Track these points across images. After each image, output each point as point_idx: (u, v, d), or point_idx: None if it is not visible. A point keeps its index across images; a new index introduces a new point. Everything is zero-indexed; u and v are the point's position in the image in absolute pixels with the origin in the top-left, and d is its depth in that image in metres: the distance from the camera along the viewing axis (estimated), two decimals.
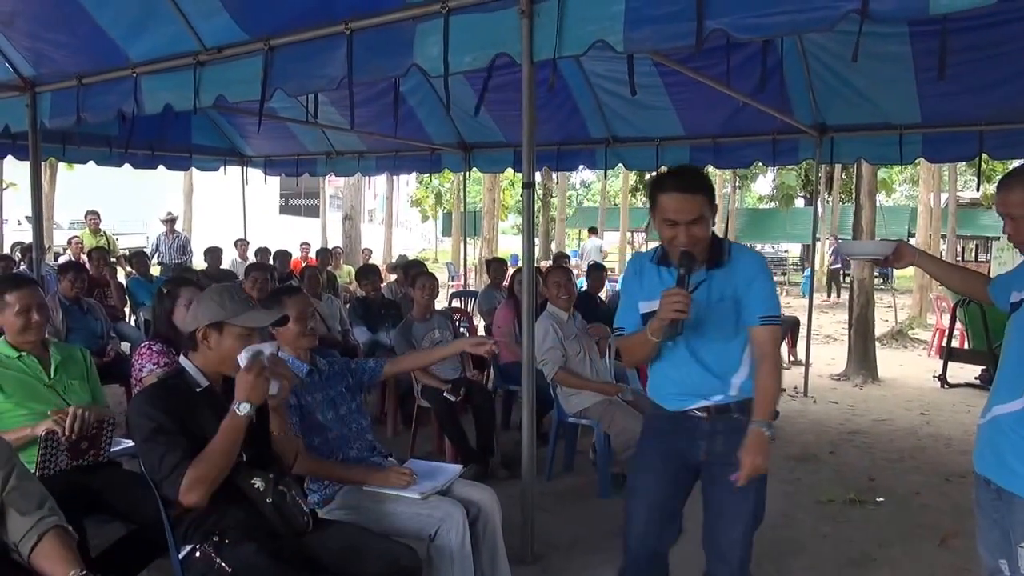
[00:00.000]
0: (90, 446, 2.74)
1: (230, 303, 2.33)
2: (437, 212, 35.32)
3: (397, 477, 2.76)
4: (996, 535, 2.19)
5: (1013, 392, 2.07)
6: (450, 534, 2.60)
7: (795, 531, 4.07)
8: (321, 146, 9.62)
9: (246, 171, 10.99)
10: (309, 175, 10.57)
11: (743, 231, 27.67)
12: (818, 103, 6.37)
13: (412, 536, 2.59)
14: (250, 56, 4.12)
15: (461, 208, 25.60)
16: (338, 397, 2.99)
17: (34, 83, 5.10)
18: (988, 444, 2.18)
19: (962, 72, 4.90)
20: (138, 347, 3.40)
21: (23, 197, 17.63)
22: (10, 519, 1.87)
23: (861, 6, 2.49)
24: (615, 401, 4.48)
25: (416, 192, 37.96)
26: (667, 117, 6.84)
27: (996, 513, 2.17)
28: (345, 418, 2.96)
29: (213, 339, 2.32)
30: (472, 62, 3.43)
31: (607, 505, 4.35)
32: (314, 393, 2.92)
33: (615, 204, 32.75)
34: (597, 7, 3.09)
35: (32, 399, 2.83)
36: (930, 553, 3.76)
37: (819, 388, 7.79)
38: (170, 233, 11.29)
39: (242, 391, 2.17)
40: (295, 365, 2.92)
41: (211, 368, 2.34)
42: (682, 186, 2.25)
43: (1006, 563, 2.17)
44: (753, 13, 2.76)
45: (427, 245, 40.39)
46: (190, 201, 20.58)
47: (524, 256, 3.58)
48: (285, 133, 9.23)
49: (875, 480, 4.92)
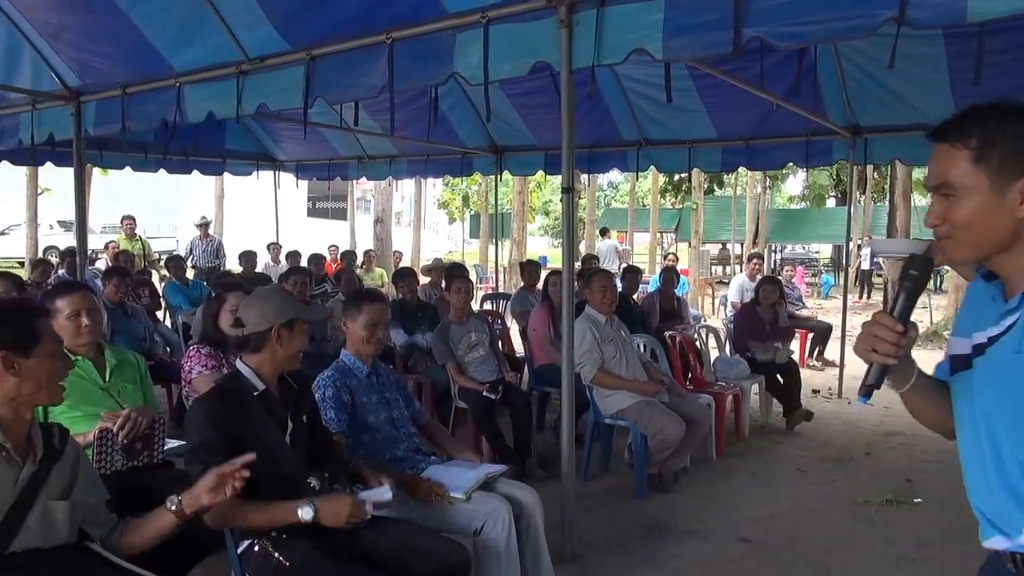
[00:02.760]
0: (144, 447, 2.85)
1: (292, 301, 2.47)
2: (464, 214, 35.47)
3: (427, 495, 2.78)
4: None
5: None
6: (496, 529, 2.70)
7: (833, 532, 4.12)
8: (353, 150, 9.80)
9: (278, 175, 11.21)
10: (341, 179, 10.75)
11: (774, 232, 27.50)
12: (852, 104, 6.39)
13: (459, 531, 2.69)
14: (292, 65, 4.25)
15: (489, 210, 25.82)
16: (393, 402, 3.11)
17: (79, 93, 5.29)
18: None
19: (996, 73, 4.90)
20: (186, 350, 3.54)
21: (57, 202, 18.09)
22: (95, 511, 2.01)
23: (899, 14, 2.54)
24: (652, 402, 4.56)
25: (443, 194, 38.16)
26: (699, 119, 6.90)
27: None
28: (396, 421, 3.09)
29: (285, 337, 2.44)
30: (512, 70, 3.52)
31: (643, 506, 4.44)
32: (370, 395, 3.04)
33: (643, 205, 32.71)
34: (636, 16, 3.16)
35: (87, 402, 2.93)
36: (969, 554, 3.72)
37: (854, 390, 7.67)
38: (204, 237, 11.55)
39: (330, 515, 2.22)
40: (355, 366, 3.04)
41: (274, 368, 2.46)
42: (936, 132, 1.39)
43: None
44: (791, 21, 2.81)
45: (454, 247, 40.58)
46: (221, 205, 20.94)
47: (564, 260, 3.67)
48: (317, 138, 9.38)
49: (912, 481, 4.94)
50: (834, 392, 7.56)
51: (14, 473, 1.84)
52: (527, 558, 2.88)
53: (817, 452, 5.63)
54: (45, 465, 1.90)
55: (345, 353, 3.13)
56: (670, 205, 32.05)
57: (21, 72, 5.24)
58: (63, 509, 1.91)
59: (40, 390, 1.88)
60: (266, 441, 2.29)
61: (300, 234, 12.33)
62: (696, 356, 6.20)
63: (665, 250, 27.58)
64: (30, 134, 5.51)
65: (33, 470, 1.87)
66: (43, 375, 1.87)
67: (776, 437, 6.04)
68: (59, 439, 1.98)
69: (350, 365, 3.10)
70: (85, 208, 5.86)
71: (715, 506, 4.49)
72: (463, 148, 8.79)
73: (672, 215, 30.09)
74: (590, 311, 4.75)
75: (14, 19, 4.83)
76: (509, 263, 17.68)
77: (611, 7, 3.22)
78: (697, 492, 4.71)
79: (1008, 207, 1.31)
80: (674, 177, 24.47)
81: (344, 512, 2.24)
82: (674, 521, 4.22)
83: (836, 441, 5.94)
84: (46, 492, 1.88)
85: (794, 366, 6.53)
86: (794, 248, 30.89)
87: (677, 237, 29.92)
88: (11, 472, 1.84)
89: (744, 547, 3.91)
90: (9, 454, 1.85)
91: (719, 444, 5.44)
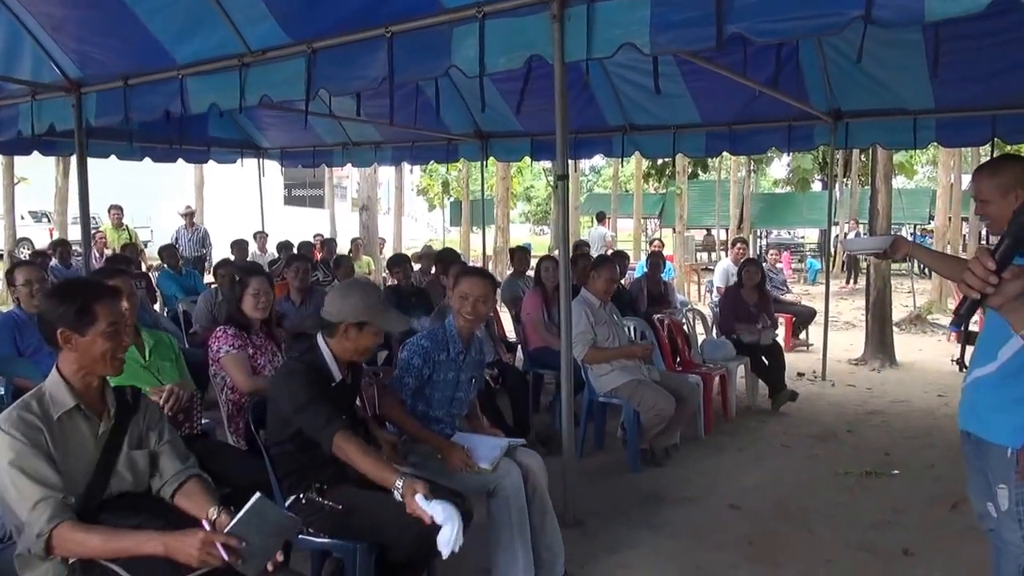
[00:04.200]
0: (184, 419, 3.19)
1: (375, 303, 2.82)
2: (444, 201, 35.63)
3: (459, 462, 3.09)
4: (981, 482, 2.62)
5: (989, 358, 2.49)
6: (508, 491, 3.04)
7: (816, 500, 4.50)
8: (337, 137, 9.99)
9: (262, 163, 11.36)
10: (326, 166, 10.95)
11: (759, 216, 27.92)
12: (833, 89, 6.74)
13: (474, 491, 3.02)
14: (293, 58, 4.49)
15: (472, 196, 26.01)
16: (464, 383, 3.41)
17: (79, 84, 5.49)
18: (968, 402, 2.62)
19: (973, 58, 5.26)
20: (213, 331, 3.84)
21: (29, 192, 18.11)
22: (163, 465, 2.31)
23: (865, 12, 2.88)
24: (644, 381, 4.91)
25: (422, 180, 38.26)
26: (684, 105, 7.21)
27: (978, 461, 2.60)
28: (455, 402, 3.41)
29: (352, 334, 2.79)
30: (507, 63, 3.80)
31: (638, 479, 4.80)
32: (448, 372, 3.33)
33: (626, 190, 33.06)
34: (624, 12, 3.46)
35: (132, 380, 3.18)
36: (942, 517, 4.18)
37: (837, 372, 8.19)
38: (189, 226, 11.75)
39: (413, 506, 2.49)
40: (452, 339, 3.34)
41: (343, 356, 2.82)
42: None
43: (992, 505, 2.59)
44: (768, 18, 3.14)
45: (434, 235, 40.74)
46: (201, 194, 21.04)
47: (561, 245, 3.99)
48: (301, 125, 9.44)
49: (891, 455, 5.34)
50: (818, 374, 7.97)
51: (93, 428, 2.20)
52: (535, 517, 3.21)
53: (801, 430, 6.02)
54: (121, 420, 2.24)
55: (450, 320, 3.40)
56: (653, 190, 32.39)
57: (21, 63, 5.43)
58: (143, 457, 2.27)
59: (97, 363, 2.19)
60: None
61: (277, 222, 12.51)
62: (684, 339, 6.56)
63: (650, 236, 27.99)
64: (30, 124, 5.70)
65: (110, 424, 2.22)
66: (97, 351, 2.18)
67: (762, 416, 6.43)
68: (132, 397, 2.33)
69: (448, 336, 3.36)
70: (88, 198, 6.03)
71: (705, 478, 4.86)
72: (448, 134, 9.03)
73: (656, 200, 30.42)
74: (586, 295, 5.08)
75: (15, 12, 5.02)
76: (495, 250, 17.91)
77: (601, 3, 3.51)
78: (688, 466, 5.08)
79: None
80: (657, 161, 24.79)
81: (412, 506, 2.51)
82: (667, 491, 4.59)
83: (820, 419, 6.33)
84: (127, 443, 2.23)
85: (778, 348, 6.92)
86: (779, 234, 31.38)
87: (661, 223, 30.28)
88: (90, 427, 2.19)
89: (734, 513, 4.29)
90: (85, 413, 2.19)
91: (707, 423, 5.81)
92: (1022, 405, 2.34)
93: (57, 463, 2.06)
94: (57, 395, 2.15)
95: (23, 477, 2.00)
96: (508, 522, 3.03)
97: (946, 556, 3.68)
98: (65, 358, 2.18)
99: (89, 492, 2.14)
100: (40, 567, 2.10)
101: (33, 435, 2.05)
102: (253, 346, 3.85)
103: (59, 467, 2.06)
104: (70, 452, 2.13)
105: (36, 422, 2.08)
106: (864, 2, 2.86)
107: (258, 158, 11.11)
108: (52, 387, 2.17)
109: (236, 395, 3.77)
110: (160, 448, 2.32)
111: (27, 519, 2.00)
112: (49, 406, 2.13)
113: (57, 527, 1.98)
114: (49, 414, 2.12)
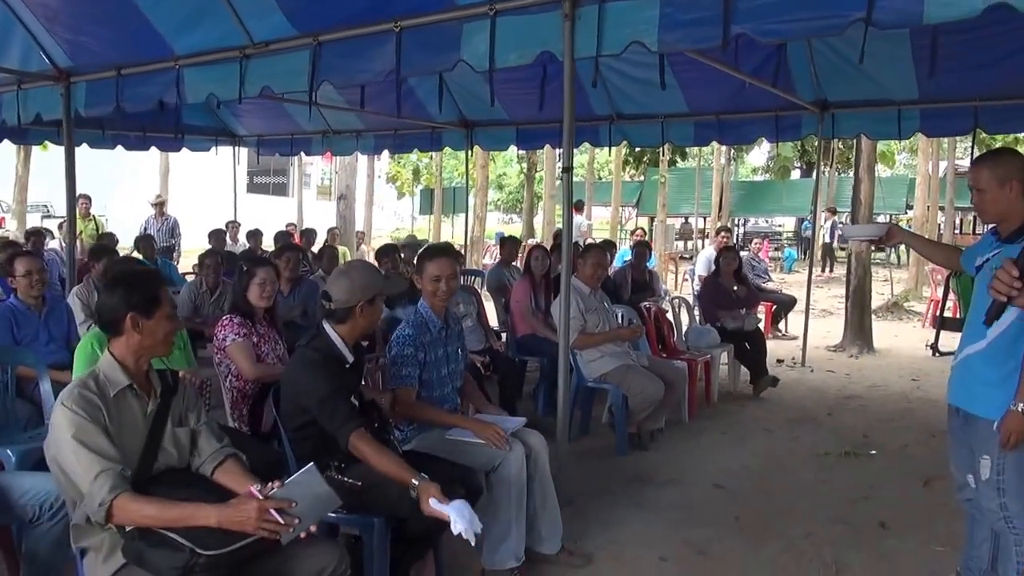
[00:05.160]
0: None
1: (375, 276, 3.10)
2: (414, 189, 35.56)
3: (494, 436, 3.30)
4: (964, 454, 2.95)
5: (978, 336, 2.81)
6: (511, 467, 3.30)
7: (797, 479, 4.86)
8: (317, 124, 9.91)
9: (238, 151, 11.38)
10: (305, 154, 11.02)
11: (738, 204, 28.40)
12: (820, 80, 7.02)
13: (479, 467, 3.29)
14: (297, 50, 4.63)
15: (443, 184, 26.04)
16: (452, 355, 3.64)
17: (69, 73, 5.60)
18: (959, 379, 2.94)
19: (956, 52, 5.57)
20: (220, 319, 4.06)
21: None
22: (202, 443, 2.55)
23: (866, 15, 3.12)
24: (633, 366, 5.23)
25: (391, 167, 38.09)
26: (672, 94, 7.39)
27: (964, 435, 2.93)
28: (451, 375, 3.63)
29: (367, 311, 3.04)
30: (518, 59, 4.01)
31: (624, 461, 5.12)
32: (437, 349, 3.54)
33: (600, 178, 33.32)
34: (634, 12, 3.70)
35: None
36: (916, 493, 4.55)
37: (816, 359, 8.60)
38: (159, 216, 11.74)
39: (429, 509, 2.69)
40: (430, 318, 3.54)
41: (354, 337, 3.06)
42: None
43: (972, 477, 2.93)
44: (773, 19, 3.38)
45: (401, 224, 40.68)
46: (167, 182, 20.88)
47: (565, 236, 4.28)
48: (279, 112, 9.56)
49: (868, 437, 5.73)
50: (797, 361, 8.37)
51: (143, 406, 2.44)
52: (535, 494, 3.49)
53: (782, 414, 6.39)
54: (165, 399, 2.49)
55: (422, 304, 3.57)
56: (629, 178, 32.66)
57: (9, 53, 5.53)
58: (185, 434, 2.51)
59: (158, 344, 2.45)
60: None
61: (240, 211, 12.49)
62: (669, 326, 6.89)
63: (625, 225, 28.33)
64: (15, 114, 5.81)
65: (157, 402, 2.46)
66: (160, 333, 2.44)
67: (744, 402, 6.79)
68: (172, 378, 2.57)
69: (426, 318, 3.54)
70: (75, 188, 6.17)
71: (690, 460, 5.19)
72: (432, 123, 9.16)
73: (633, 188, 30.76)
74: (576, 282, 5.36)
75: (8, 2, 5.12)
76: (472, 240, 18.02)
77: (612, 2, 3.73)
78: (673, 449, 5.42)
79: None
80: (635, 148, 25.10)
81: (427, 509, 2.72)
82: (654, 473, 4.91)
83: (800, 404, 6.71)
84: (171, 420, 2.48)
85: (759, 334, 7.28)
86: (757, 222, 31.91)
87: (639, 211, 30.63)
88: (141, 406, 2.44)
89: (718, 492, 4.63)
90: (137, 392, 2.43)
91: (691, 408, 6.15)
92: (1009, 381, 2.64)
93: (113, 438, 2.29)
94: (112, 375, 2.38)
95: (85, 450, 2.22)
96: (508, 499, 3.29)
97: (919, 528, 4.04)
98: (124, 342, 2.40)
99: (141, 466, 2.37)
100: (97, 536, 2.32)
101: (92, 411, 2.28)
102: (257, 335, 4.07)
103: (115, 442, 2.29)
104: (124, 428, 2.36)
105: (95, 399, 2.31)
106: (865, 4, 3.09)
107: (233, 146, 11.10)
108: (107, 368, 2.40)
109: (240, 382, 3.96)
110: (199, 428, 2.56)
111: (88, 490, 2.21)
112: (105, 385, 2.36)
113: (117, 497, 2.19)
114: (106, 392, 2.35)
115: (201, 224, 12.10)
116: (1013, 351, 2.63)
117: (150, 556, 2.20)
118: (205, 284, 6.36)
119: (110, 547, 2.31)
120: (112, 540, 2.31)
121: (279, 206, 29.56)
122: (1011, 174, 2.78)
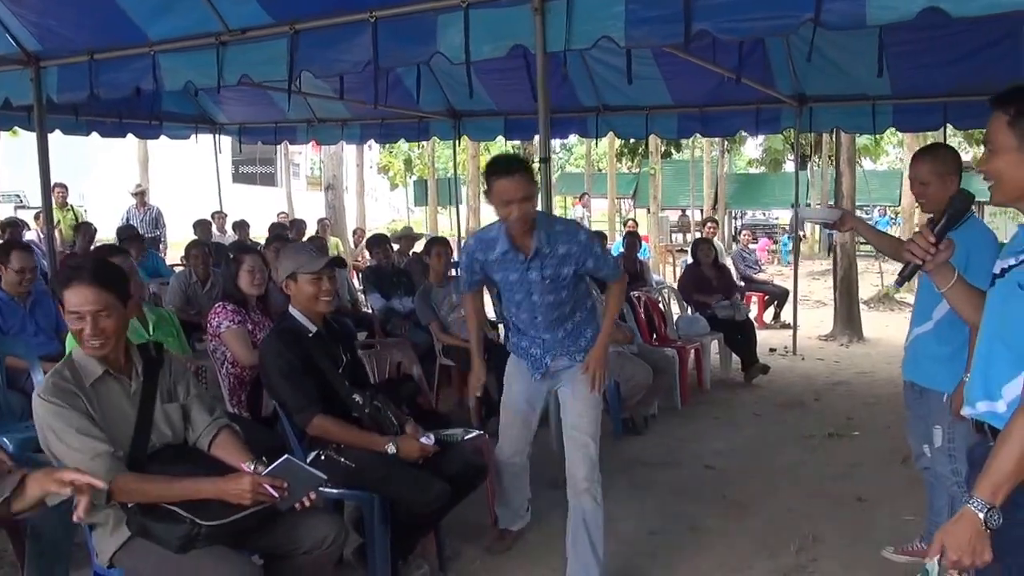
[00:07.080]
0: None
1: (294, 254, 3.30)
2: (407, 180, 35.56)
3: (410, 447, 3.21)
4: (920, 426, 3.24)
5: (925, 317, 3.10)
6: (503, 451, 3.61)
7: (782, 459, 5.12)
8: (302, 113, 9.92)
9: (218, 139, 11.26)
10: (289, 143, 10.96)
11: (733, 197, 28.65)
12: (798, 74, 7.25)
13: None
14: (274, 38, 4.74)
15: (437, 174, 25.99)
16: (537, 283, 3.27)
17: (38, 57, 5.52)
18: (911, 357, 3.24)
19: (925, 48, 5.84)
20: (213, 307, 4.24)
21: None
22: (194, 418, 2.66)
23: (815, 15, 3.39)
24: (623, 353, 5.47)
25: (382, 157, 38.00)
26: (656, 86, 7.65)
27: (919, 408, 3.21)
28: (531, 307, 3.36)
29: (292, 287, 3.24)
30: (491, 51, 4.20)
31: (618, 445, 5.34)
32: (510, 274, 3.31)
33: (599, 169, 33.54)
34: (601, 7, 3.91)
35: None
36: (893, 470, 4.80)
37: (807, 348, 8.85)
38: (141, 206, 11.54)
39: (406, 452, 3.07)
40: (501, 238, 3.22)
41: (304, 311, 3.24)
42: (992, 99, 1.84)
43: (927, 446, 3.21)
44: (730, 18, 3.65)
45: (397, 215, 40.64)
46: (146, 170, 20.42)
47: None
48: (261, 99, 9.43)
49: (852, 419, 5.99)
50: (789, 349, 8.63)
51: (125, 388, 2.53)
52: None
53: (772, 399, 6.65)
54: (150, 376, 2.57)
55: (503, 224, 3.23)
56: (626, 169, 32.89)
57: None
58: (176, 410, 2.62)
59: (126, 327, 2.56)
60: (325, 373, 3.15)
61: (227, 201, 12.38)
62: (660, 315, 7.13)
63: (624, 216, 28.56)
64: None
65: (140, 381, 2.55)
66: (130, 316, 2.66)
67: (735, 388, 7.05)
68: (155, 351, 2.66)
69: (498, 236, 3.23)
70: (49, 175, 6.16)
71: (682, 443, 5.45)
72: (419, 112, 9.24)
73: (629, 180, 30.94)
74: None
75: None
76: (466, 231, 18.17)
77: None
78: (665, 433, 5.67)
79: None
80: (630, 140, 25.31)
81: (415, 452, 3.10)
82: (647, 456, 5.18)
83: (789, 390, 6.97)
84: (159, 397, 2.57)
85: (750, 324, 7.55)
86: (754, 214, 32.19)
87: (635, 203, 30.86)
88: (123, 388, 2.52)
89: (709, 472, 4.90)
90: (115, 376, 2.51)
91: (683, 394, 6.38)
92: (956, 357, 2.87)
93: (99, 423, 2.38)
94: (86, 365, 2.46)
95: (74, 435, 2.31)
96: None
97: (893, 501, 4.28)
98: None
99: (135, 447, 2.47)
100: (102, 512, 2.42)
101: (70, 399, 2.36)
102: (252, 321, 4.17)
103: (101, 427, 2.38)
104: (110, 412, 2.45)
105: (71, 388, 2.39)
106: (813, 6, 3.36)
107: (214, 134, 10.97)
108: (79, 359, 2.49)
109: (237, 369, 4.06)
110: (189, 401, 2.67)
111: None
112: (80, 375, 2.45)
113: (115, 480, 2.28)
114: (82, 382, 2.43)
115: (184, 215, 12.02)
116: (960, 326, 2.85)
117: (153, 528, 2.33)
118: (195, 275, 6.43)
119: (116, 521, 2.44)
120: (117, 515, 2.43)
121: (267, 196, 29.21)
122: (950, 170, 3.02)
